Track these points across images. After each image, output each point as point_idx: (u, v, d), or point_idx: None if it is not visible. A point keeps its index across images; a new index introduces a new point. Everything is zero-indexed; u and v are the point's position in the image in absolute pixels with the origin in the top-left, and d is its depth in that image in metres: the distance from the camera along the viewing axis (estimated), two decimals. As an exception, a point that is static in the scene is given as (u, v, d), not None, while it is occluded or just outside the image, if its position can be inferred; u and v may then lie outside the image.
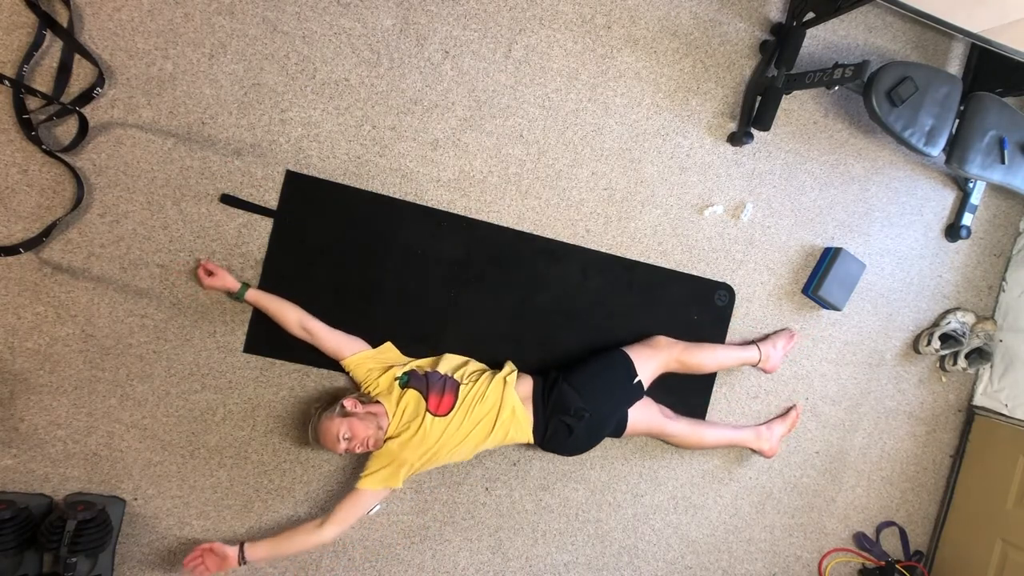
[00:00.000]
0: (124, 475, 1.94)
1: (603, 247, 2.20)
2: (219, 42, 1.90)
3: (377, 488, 1.85)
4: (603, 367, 2.04)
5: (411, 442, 1.82)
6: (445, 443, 1.85)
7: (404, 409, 1.83)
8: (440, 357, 2.01)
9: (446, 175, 2.08)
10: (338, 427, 1.76)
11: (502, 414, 1.89)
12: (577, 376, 1.99)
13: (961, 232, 2.46)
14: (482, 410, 1.87)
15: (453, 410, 1.84)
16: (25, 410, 1.86)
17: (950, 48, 2.44)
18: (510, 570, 2.21)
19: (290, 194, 1.97)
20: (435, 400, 1.84)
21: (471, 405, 1.86)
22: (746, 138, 2.23)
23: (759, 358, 2.25)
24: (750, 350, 2.25)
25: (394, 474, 1.85)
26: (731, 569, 2.39)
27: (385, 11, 2.00)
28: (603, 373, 2.02)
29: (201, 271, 1.85)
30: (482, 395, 1.88)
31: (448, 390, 1.86)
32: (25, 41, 1.78)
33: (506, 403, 1.90)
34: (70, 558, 1.69)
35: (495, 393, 1.90)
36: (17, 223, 1.82)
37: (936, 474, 2.55)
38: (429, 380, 1.87)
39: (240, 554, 1.80)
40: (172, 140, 1.89)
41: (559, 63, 2.13)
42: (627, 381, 2.02)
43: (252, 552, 1.81)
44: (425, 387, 1.85)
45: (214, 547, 1.80)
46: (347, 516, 1.85)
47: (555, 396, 1.94)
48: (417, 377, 1.89)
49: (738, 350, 2.25)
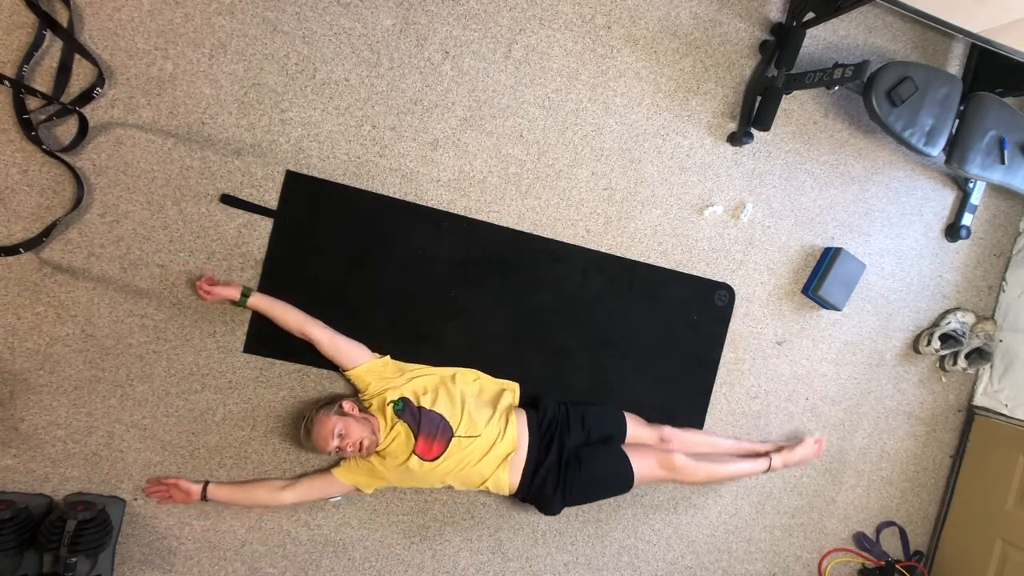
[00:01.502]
0: (124, 475, 1.94)
1: (603, 247, 2.20)
2: (219, 42, 1.90)
3: (347, 482, 1.92)
4: (607, 465, 2.00)
5: (395, 468, 1.86)
6: (427, 479, 1.91)
7: (394, 438, 1.83)
8: (444, 377, 1.97)
9: (446, 175, 2.08)
10: (334, 424, 1.77)
11: (488, 481, 1.92)
12: (580, 478, 1.96)
13: (961, 232, 2.46)
14: (470, 473, 1.89)
15: (440, 459, 1.84)
16: (25, 410, 1.86)
17: (950, 48, 2.44)
18: (510, 570, 2.21)
19: (290, 194, 1.97)
20: (424, 444, 1.82)
21: (460, 464, 1.86)
22: (746, 138, 2.23)
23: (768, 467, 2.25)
24: (760, 462, 2.24)
25: (369, 482, 1.93)
26: (731, 569, 2.39)
27: (385, 11, 2.00)
28: (606, 468, 2.00)
29: (201, 287, 1.84)
30: (474, 462, 1.88)
31: (440, 438, 1.83)
32: (25, 41, 1.78)
33: (497, 477, 1.91)
34: (70, 558, 1.69)
35: (489, 467, 1.90)
36: (17, 223, 1.82)
37: (936, 474, 2.55)
38: (422, 420, 1.83)
39: (203, 492, 1.91)
40: (172, 140, 1.89)
41: (559, 63, 2.13)
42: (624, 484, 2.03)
43: (215, 492, 1.92)
44: (417, 426, 1.82)
45: (179, 483, 1.90)
46: (310, 491, 1.94)
47: (547, 480, 1.94)
48: (411, 410, 1.84)
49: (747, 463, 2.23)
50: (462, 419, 1.86)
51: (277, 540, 2.04)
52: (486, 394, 2.02)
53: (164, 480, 1.92)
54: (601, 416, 2.08)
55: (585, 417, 2.04)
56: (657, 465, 2.02)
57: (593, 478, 1.96)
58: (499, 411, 1.94)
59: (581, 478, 1.94)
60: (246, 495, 1.94)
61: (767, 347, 2.36)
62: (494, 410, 1.94)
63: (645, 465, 2.01)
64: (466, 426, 1.86)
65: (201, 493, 1.91)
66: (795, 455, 2.27)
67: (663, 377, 2.26)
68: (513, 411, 1.97)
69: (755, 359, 2.35)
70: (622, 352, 2.22)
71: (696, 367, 2.29)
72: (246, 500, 1.94)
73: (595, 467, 1.96)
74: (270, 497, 1.93)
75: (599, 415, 2.08)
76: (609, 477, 2.00)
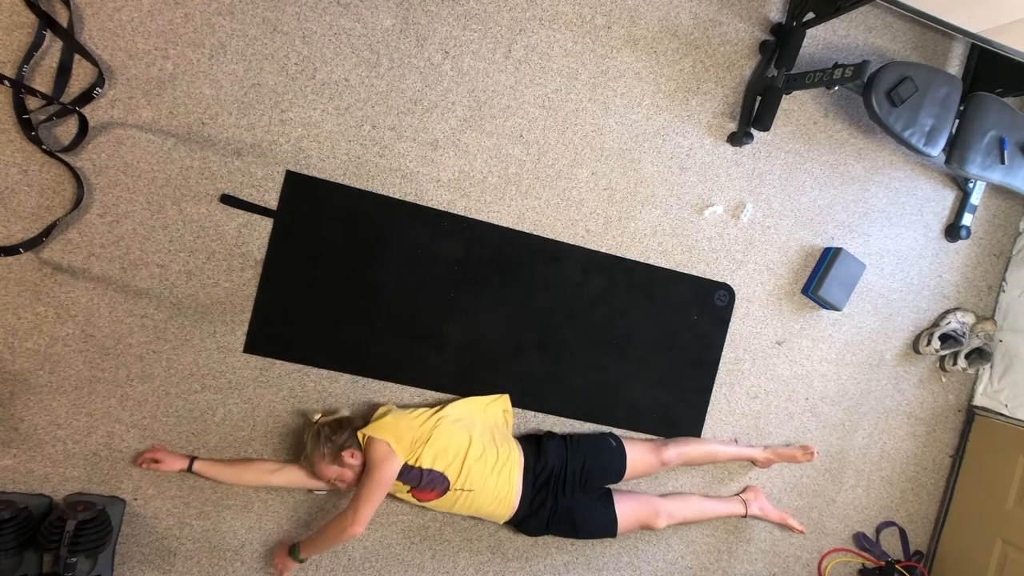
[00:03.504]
0: (124, 475, 1.94)
1: (603, 247, 2.20)
2: (219, 42, 1.90)
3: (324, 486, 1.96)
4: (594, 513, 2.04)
5: None
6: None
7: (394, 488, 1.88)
8: (439, 417, 1.94)
9: (446, 175, 2.08)
10: (336, 473, 1.84)
11: (480, 517, 2.00)
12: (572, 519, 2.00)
13: (961, 232, 2.46)
14: (462, 511, 1.95)
15: (433, 502, 1.90)
16: (25, 410, 1.86)
17: (950, 48, 2.44)
18: (510, 570, 2.21)
19: (290, 194, 1.97)
20: (420, 492, 1.88)
21: (452, 506, 1.91)
22: (746, 138, 2.23)
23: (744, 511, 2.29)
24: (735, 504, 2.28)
25: None
26: (731, 569, 2.39)
27: (385, 11, 2.00)
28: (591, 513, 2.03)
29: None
30: (465, 508, 1.92)
31: (437, 489, 1.87)
32: (25, 41, 1.78)
33: (488, 516, 1.96)
34: (70, 558, 1.69)
35: (481, 513, 1.94)
36: (17, 223, 1.82)
37: (936, 474, 2.55)
38: (423, 479, 1.84)
39: (190, 465, 1.90)
40: (172, 140, 1.89)
41: (559, 63, 2.13)
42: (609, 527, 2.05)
43: (201, 468, 1.91)
44: (417, 483, 1.85)
45: (168, 460, 1.89)
46: (299, 479, 1.94)
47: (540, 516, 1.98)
48: (411, 475, 1.83)
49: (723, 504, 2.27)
50: (461, 473, 1.86)
51: (277, 540, 2.04)
52: (488, 436, 1.98)
53: (153, 451, 1.92)
54: (603, 470, 2.06)
55: (586, 472, 2.01)
56: (638, 524, 2.09)
57: (579, 532, 2.04)
58: (499, 468, 1.91)
59: (566, 530, 2.02)
60: (234, 475, 1.92)
61: (767, 347, 2.36)
62: (496, 463, 1.91)
63: (629, 521, 2.07)
64: (463, 480, 1.87)
65: (188, 466, 1.90)
66: (771, 513, 2.34)
67: (663, 377, 2.26)
68: (516, 468, 1.94)
69: (755, 359, 2.35)
70: (622, 352, 2.22)
71: (696, 367, 2.29)
72: (233, 480, 1.93)
73: (583, 525, 2.02)
74: (258, 479, 1.93)
75: (600, 470, 2.05)
76: (594, 531, 2.06)
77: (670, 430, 2.27)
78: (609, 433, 2.16)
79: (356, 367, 2.04)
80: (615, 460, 2.07)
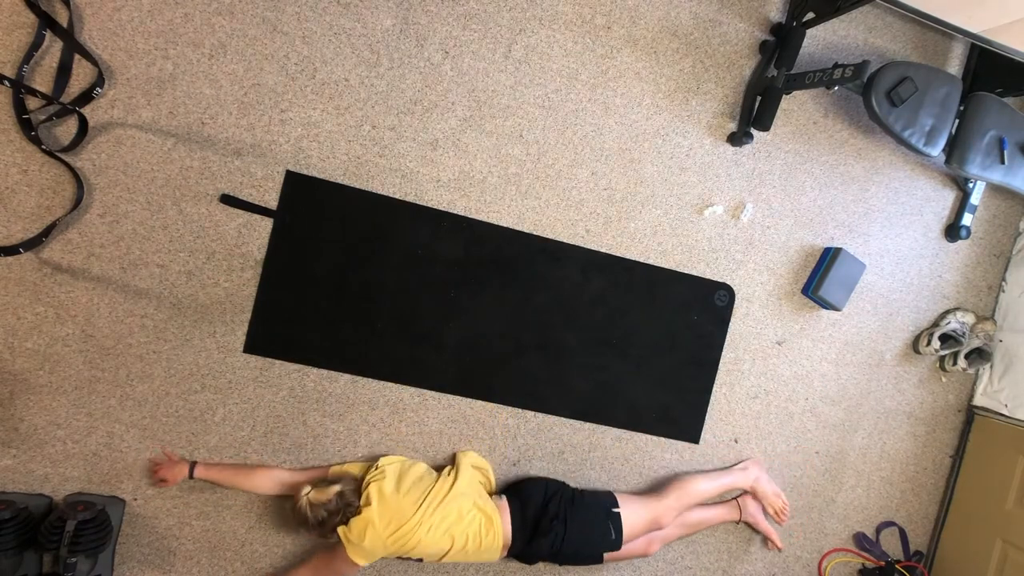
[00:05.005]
0: (124, 475, 1.94)
1: (603, 247, 2.20)
2: (219, 42, 1.90)
3: None
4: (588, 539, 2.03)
5: None
6: None
7: None
8: (419, 520, 1.84)
9: (446, 175, 2.08)
10: (318, 541, 1.96)
11: None
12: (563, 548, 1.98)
13: (961, 232, 2.45)
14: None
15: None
16: (25, 410, 1.86)
17: (950, 48, 2.44)
18: (510, 569, 2.21)
19: (290, 194, 1.97)
20: None
21: (438, 566, 1.99)
22: (746, 138, 2.23)
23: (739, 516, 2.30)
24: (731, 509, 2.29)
25: None
26: (731, 569, 2.39)
27: (385, 11, 2.00)
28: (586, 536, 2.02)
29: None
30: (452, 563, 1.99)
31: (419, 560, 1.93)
32: (25, 41, 1.78)
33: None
34: (70, 558, 1.69)
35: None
36: (17, 223, 1.82)
37: (936, 474, 2.55)
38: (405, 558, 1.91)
39: (191, 471, 1.91)
40: (172, 140, 1.89)
41: (559, 63, 2.13)
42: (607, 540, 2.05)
43: (203, 473, 1.91)
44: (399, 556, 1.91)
45: (171, 475, 1.90)
46: (293, 479, 1.96)
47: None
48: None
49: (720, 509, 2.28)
50: (441, 560, 1.91)
51: (277, 540, 2.04)
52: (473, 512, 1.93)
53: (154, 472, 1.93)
54: (590, 554, 2.05)
55: (573, 546, 2.00)
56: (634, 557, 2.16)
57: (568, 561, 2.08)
58: (485, 537, 1.90)
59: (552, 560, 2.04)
60: (246, 481, 1.92)
61: (767, 347, 2.36)
62: (479, 532, 1.89)
63: (622, 556, 2.09)
64: (444, 559, 1.91)
65: (189, 473, 1.90)
66: (760, 524, 2.34)
67: (663, 377, 2.26)
68: (499, 526, 1.92)
69: (755, 359, 2.35)
70: (622, 352, 2.22)
71: (696, 367, 2.29)
72: (242, 486, 1.93)
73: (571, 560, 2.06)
74: (271, 488, 1.93)
75: (588, 553, 2.04)
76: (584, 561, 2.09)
77: (670, 430, 2.27)
78: (609, 512, 2.05)
79: (356, 367, 2.04)
80: (610, 547, 2.05)
